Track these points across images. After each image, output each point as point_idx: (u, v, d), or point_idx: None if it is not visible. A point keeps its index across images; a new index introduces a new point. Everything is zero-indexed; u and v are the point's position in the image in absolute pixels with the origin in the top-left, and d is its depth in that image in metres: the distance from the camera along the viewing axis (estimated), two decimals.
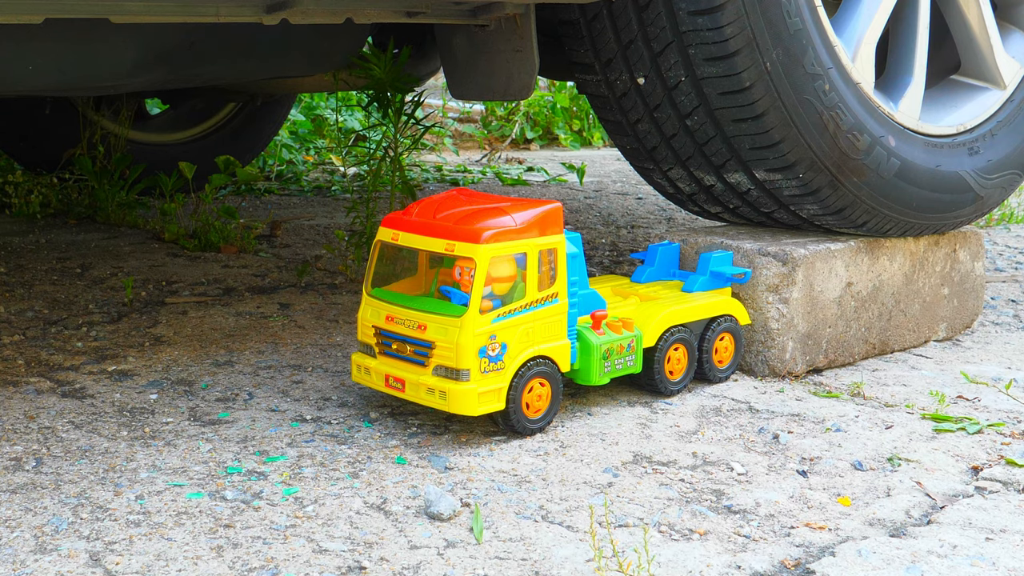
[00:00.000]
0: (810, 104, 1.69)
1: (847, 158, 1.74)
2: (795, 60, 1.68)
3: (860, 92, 1.76)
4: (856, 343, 1.84)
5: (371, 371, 1.49)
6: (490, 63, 1.84)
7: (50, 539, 1.16)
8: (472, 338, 1.38)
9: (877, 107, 1.78)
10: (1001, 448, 1.49)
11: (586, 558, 1.15)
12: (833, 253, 1.78)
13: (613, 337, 1.53)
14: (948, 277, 1.97)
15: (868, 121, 1.76)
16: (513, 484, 1.33)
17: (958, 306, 2.01)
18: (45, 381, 1.65)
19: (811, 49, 1.69)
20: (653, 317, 1.59)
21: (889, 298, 1.87)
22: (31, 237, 2.69)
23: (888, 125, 1.79)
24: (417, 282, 1.50)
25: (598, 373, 1.51)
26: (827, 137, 1.72)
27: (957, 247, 1.98)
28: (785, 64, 1.67)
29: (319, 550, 1.15)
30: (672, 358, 1.62)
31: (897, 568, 1.15)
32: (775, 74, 1.66)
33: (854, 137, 1.74)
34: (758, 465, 1.41)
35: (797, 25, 1.67)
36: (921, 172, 1.83)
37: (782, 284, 1.72)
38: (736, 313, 1.71)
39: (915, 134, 1.84)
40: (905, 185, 1.81)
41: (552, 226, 1.45)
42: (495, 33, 1.80)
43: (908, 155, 1.81)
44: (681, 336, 1.63)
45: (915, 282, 1.91)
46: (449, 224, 1.43)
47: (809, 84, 1.69)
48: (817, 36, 1.70)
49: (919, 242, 1.91)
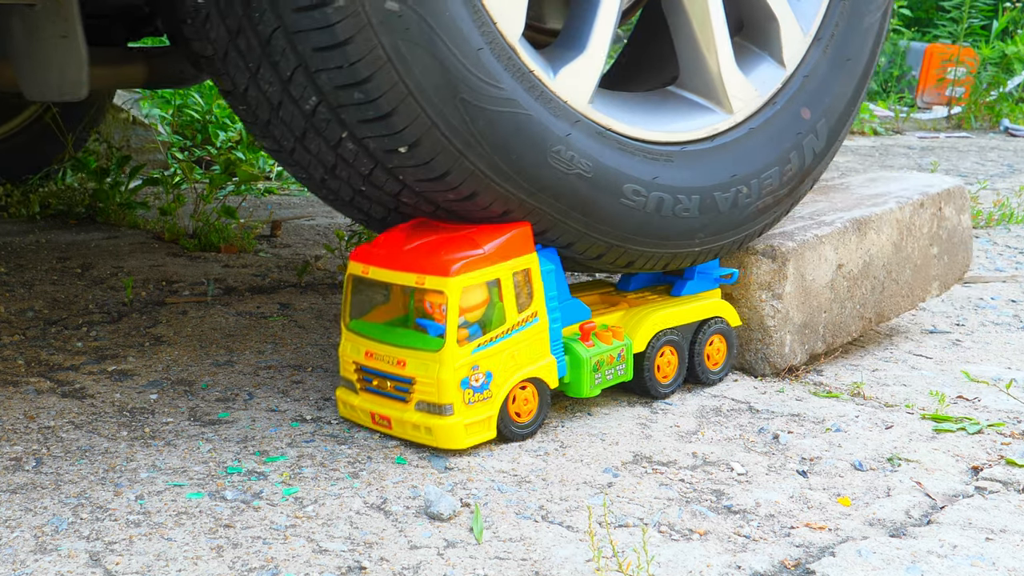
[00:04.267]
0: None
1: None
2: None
3: (500, 37, 1.39)
4: (852, 321, 1.84)
5: (356, 408, 1.47)
6: (42, 52, 1.56)
7: (50, 539, 1.16)
8: (452, 372, 1.37)
9: (525, 66, 1.42)
10: (1001, 448, 1.49)
11: (586, 558, 1.15)
12: (821, 240, 1.77)
13: (603, 348, 1.52)
14: (936, 236, 1.97)
15: (503, 75, 1.38)
16: (513, 484, 1.33)
17: (949, 262, 2.01)
18: (45, 381, 1.65)
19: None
20: (642, 323, 1.59)
21: (880, 270, 1.87)
22: (31, 237, 2.69)
23: (544, 98, 1.44)
24: (395, 309, 1.48)
25: (588, 385, 1.51)
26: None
27: (942, 205, 1.97)
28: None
29: (319, 550, 1.15)
30: (662, 362, 1.62)
31: (897, 568, 1.15)
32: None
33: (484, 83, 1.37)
34: (758, 465, 1.41)
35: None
36: (603, 170, 1.50)
37: (774, 280, 1.72)
38: (726, 315, 1.70)
39: (587, 120, 1.50)
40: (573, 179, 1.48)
41: (522, 248, 1.43)
42: (42, 13, 1.53)
43: (579, 144, 1.47)
44: (670, 339, 1.62)
45: (904, 249, 1.91)
46: (418, 256, 1.40)
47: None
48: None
49: (904, 209, 1.90)
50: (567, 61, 1.50)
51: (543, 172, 1.43)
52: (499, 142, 1.39)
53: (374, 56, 1.29)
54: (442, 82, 1.33)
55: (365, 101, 1.32)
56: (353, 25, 1.27)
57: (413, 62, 1.31)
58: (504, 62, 1.39)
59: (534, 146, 1.42)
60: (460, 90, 1.34)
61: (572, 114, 1.47)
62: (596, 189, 1.49)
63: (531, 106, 1.41)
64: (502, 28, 1.39)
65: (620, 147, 1.52)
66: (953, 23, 6.81)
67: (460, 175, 1.39)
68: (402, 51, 1.30)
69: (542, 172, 1.43)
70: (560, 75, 1.47)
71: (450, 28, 1.32)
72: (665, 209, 1.56)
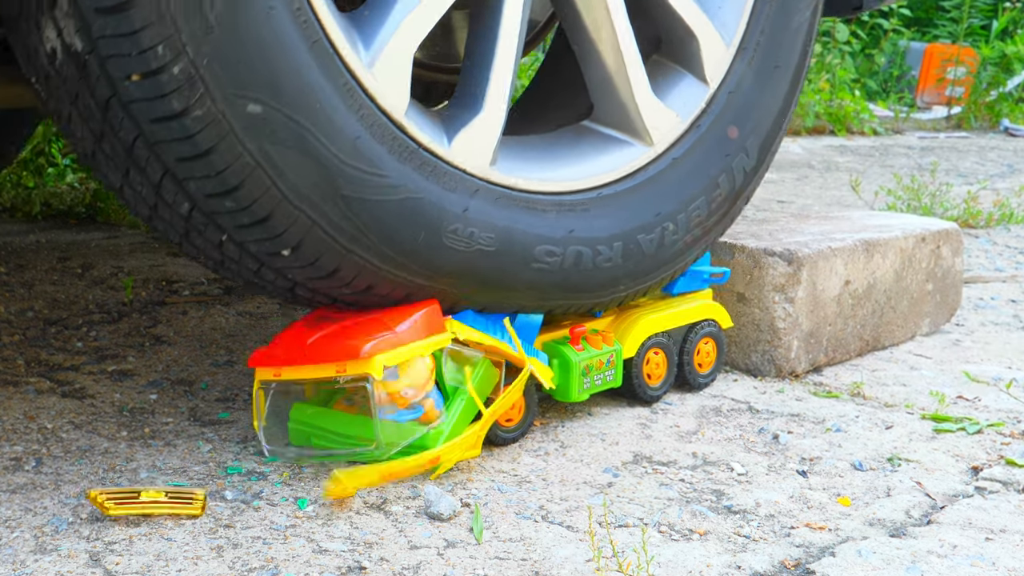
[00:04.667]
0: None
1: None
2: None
3: (380, 114, 1.27)
4: (852, 340, 1.85)
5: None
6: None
7: (50, 539, 1.16)
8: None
9: (414, 142, 1.30)
10: (1001, 448, 1.49)
11: (586, 558, 1.15)
12: (835, 252, 1.79)
13: (593, 353, 1.49)
14: (932, 273, 1.99)
15: (387, 160, 1.27)
16: (513, 484, 1.33)
17: (940, 301, 2.03)
18: (45, 381, 1.65)
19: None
20: (632, 328, 1.57)
21: (881, 295, 1.89)
22: (31, 237, 2.69)
23: (438, 173, 1.32)
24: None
25: (577, 390, 1.48)
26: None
27: (940, 243, 2.00)
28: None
29: (319, 550, 1.15)
30: (651, 368, 1.60)
31: (897, 568, 1.15)
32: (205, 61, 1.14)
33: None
34: (758, 465, 1.41)
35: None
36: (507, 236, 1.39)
37: (788, 284, 1.73)
38: (717, 317, 1.69)
39: (489, 185, 1.38)
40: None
41: (435, 327, 1.35)
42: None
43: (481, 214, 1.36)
44: (659, 342, 1.60)
45: (904, 279, 1.93)
46: (336, 343, 1.31)
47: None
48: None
49: (908, 239, 1.92)
50: (463, 124, 1.36)
51: (439, 255, 1.32)
52: (387, 232, 1.28)
53: (241, 163, 1.18)
54: (319, 180, 1.22)
55: (238, 209, 1.22)
56: (215, 133, 1.16)
57: (284, 164, 1.20)
58: (388, 144, 1.27)
59: (427, 229, 1.31)
60: (339, 186, 1.24)
61: (471, 183, 1.35)
62: (502, 261, 1.38)
63: (421, 187, 1.30)
64: (385, 106, 1.27)
65: (528, 207, 1.40)
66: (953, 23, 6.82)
67: (351, 270, 1.29)
68: (271, 154, 1.19)
69: (438, 256, 1.32)
70: (456, 141, 1.35)
71: (321, 122, 1.21)
72: (584, 263, 1.46)
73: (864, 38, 6.89)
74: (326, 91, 1.21)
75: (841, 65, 6.15)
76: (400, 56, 1.29)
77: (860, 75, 7.04)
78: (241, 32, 1.15)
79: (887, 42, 7.13)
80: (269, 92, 1.18)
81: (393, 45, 1.28)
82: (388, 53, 1.27)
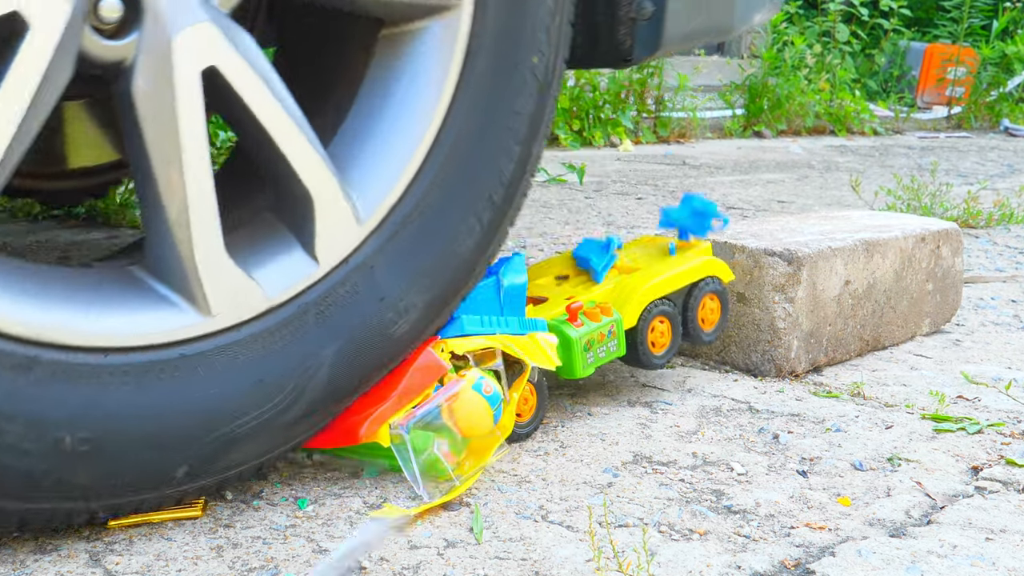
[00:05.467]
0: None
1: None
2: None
3: None
4: (852, 340, 1.85)
5: None
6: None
7: (50, 539, 1.16)
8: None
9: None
10: (1001, 448, 1.49)
11: (586, 558, 1.15)
12: (835, 252, 1.79)
13: (592, 327, 1.49)
14: (932, 273, 1.99)
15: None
16: (513, 484, 1.33)
17: (940, 301, 2.03)
18: None
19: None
20: (631, 297, 1.54)
21: (881, 295, 1.89)
22: (31, 237, 2.69)
23: None
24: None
25: (581, 366, 1.48)
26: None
27: (940, 243, 2.00)
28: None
29: (319, 550, 1.15)
30: (655, 336, 1.58)
31: (897, 568, 1.15)
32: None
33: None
34: (758, 465, 1.42)
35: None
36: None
37: (788, 284, 1.73)
38: (719, 273, 1.65)
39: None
40: None
41: (432, 372, 1.32)
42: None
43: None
44: (662, 309, 1.58)
45: (904, 279, 1.93)
46: (339, 424, 1.30)
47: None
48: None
49: (908, 239, 1.92)
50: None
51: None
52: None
53: None
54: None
55: None
56: None
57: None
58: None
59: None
60: None
61: None
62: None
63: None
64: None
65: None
66: (953, 23, 6.81)
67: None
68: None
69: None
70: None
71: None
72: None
73: (864, 38, 6.89)
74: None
75: (841, 65, 6.15)
76: None
77: (860, 75, 7.04)
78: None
79: (887, 42, 7.14)
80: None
81: None
82: None
